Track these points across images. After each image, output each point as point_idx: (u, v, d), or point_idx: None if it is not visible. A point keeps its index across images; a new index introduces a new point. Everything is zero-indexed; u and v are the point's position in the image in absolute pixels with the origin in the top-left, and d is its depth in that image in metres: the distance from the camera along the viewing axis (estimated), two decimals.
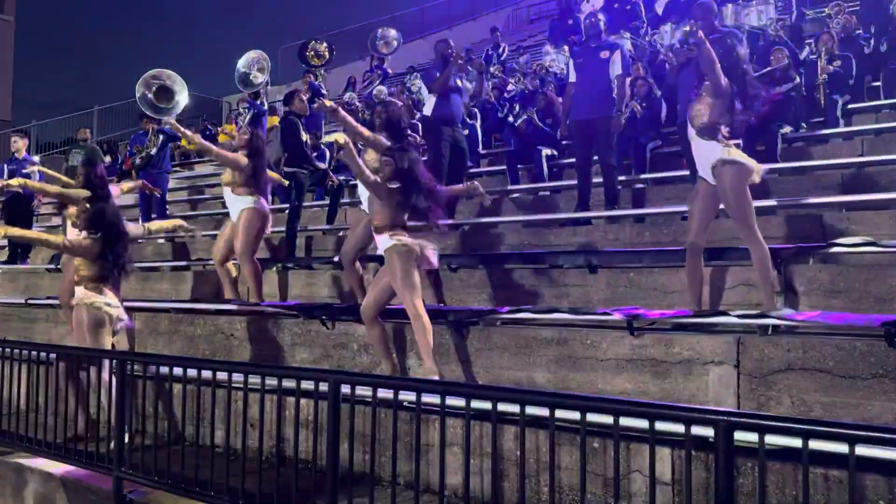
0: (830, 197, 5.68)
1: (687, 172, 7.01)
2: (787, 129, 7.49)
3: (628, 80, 7.30)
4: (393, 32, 15.17)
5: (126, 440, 4.57)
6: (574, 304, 5.65)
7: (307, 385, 3.76)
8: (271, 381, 4.00)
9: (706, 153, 4.76)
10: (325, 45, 14.97)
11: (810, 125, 7.91)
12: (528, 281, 5.99)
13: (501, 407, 3.14)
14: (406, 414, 4.02)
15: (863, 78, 8.52)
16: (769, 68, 7.78)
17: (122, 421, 4.59)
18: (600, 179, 7.36)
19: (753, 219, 4.67)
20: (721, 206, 4.87)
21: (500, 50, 16.38)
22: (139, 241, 9.68)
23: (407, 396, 3.55)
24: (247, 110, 11.95)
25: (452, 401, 3.32)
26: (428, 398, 3.39)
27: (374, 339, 5.32)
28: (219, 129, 17.47)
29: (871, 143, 7.20)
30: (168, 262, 9.23)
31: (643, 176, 7.97)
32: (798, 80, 7.79)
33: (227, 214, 11.28)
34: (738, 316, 4.14)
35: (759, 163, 4.79)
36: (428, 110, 7.84)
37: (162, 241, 10.41)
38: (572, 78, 7.43)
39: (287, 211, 8.34)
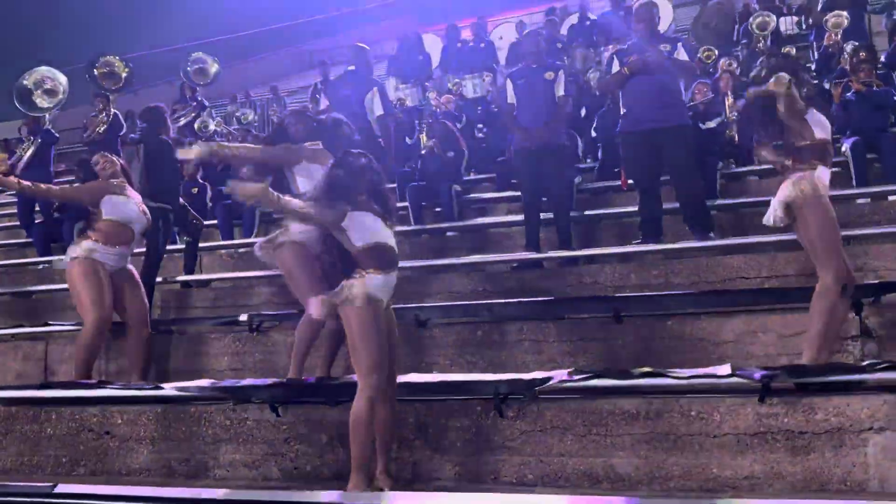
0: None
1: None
2: (725, 164, 7.21)
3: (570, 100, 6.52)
4: (210, 62, 13.62)
5: None
6: (594, 361, 4.60)
7: None
8: None
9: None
10: (119, 59, 11.85)
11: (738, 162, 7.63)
12: (529, 336, 4.82)
13: None
14: None
15: None
16: (693, 102, 7.43)
17: None
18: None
19: None
20: None
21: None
22: None
23: None
24: (32, 138, 9.61)
25: None
26: None
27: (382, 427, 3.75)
28: None
29: None
30: None
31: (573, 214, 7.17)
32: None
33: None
34: None
35: None
36: None
37: None
38: (511, 99, 6.47)
39: (143, 256, 6.32)
